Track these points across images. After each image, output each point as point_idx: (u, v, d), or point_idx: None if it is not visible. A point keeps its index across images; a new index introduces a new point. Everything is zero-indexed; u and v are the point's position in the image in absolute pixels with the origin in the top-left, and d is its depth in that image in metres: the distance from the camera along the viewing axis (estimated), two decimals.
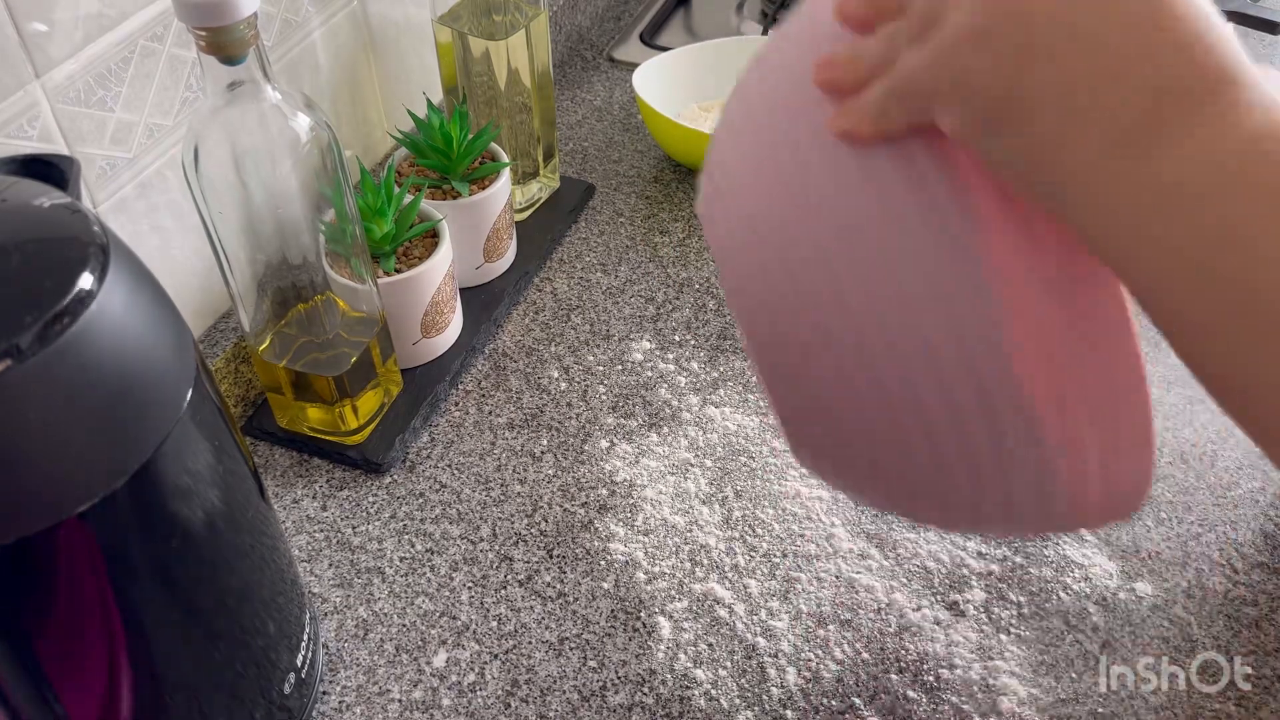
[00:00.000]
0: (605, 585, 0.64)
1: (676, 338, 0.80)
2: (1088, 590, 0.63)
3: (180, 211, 0.69)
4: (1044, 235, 0.35)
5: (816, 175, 0.38)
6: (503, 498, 0.69)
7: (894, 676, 0.59)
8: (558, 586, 0.64)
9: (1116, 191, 0.31)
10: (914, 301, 0.36)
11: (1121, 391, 0.36)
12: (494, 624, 0.62)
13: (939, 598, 0.63)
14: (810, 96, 0.38)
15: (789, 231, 0.39)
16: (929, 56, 0.33)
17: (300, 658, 0.55)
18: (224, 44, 0.53)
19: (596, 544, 0.66)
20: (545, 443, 0.73)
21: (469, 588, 0.64)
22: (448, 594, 0.64)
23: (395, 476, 0.71)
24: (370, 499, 0.69)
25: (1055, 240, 0.35)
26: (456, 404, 0.76)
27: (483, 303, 0.81)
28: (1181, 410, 0.74)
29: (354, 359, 0.67)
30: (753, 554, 0.65)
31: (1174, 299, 0.31)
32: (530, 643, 0.61)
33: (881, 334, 0.37)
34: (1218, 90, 0.30)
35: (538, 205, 0.90)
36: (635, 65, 0.98)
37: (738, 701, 0.58)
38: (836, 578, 0.64)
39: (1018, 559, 0.65)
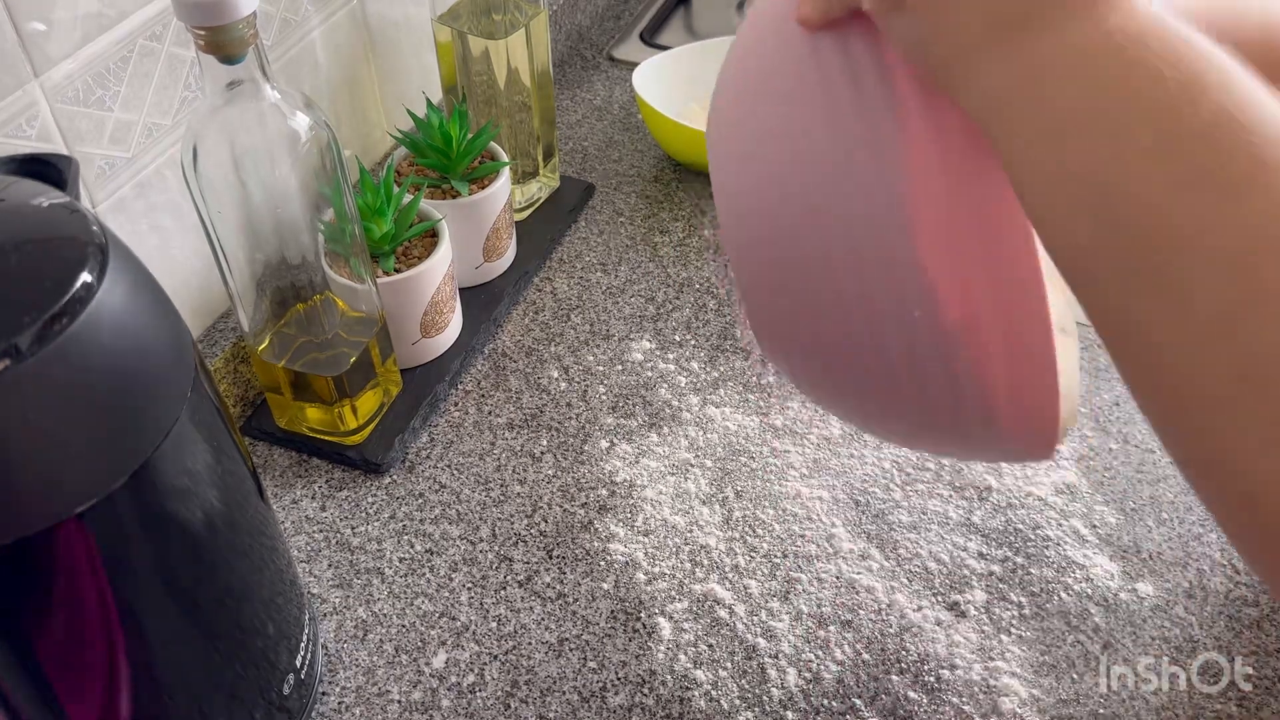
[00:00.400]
0: (605, 586, 0.64)
1: (676, 338, 0.80)
2: (1089, 591, 0.63)
3: (179, 211, 0.69)
4: (959, 126, 0.38)
5: (777, 60, 0.43)
6: (502, 498, 0.69)
7: (895, 677, 0.59)
8: (557, 587, 0.64)
9: (988, 72, 0.34)
10: (835, 170, 0.40)
11: (1020, 287, 0.39)
12: (494, 625, 0.62)
13: (940, 598, 0.63)
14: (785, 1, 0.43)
15: (749, 110, 0.45)
16: None
17: (299, 658, 0.55)
18: (223, 43, 0.53)
19: (596, 544, 0.66)
20: (545, 443, 0.72)
21: (468, 588, 0.64)
22: (447, 595, 0.64)
23: (394, 477, 0.71)
24: (369, 499, 0.69)
25: (967, 132, 0.38)
26: (456, 404, 0.76)
27: (482, 302, 0.81)
28: None
29: (353, 359, 0.67)
30: (753, 554, 0.65)
31: (1029, 178, 0.34)
32: (530, 643, 0.61)
33: (806, 198, 0.42)
34: (1104, 8, 0.33)
35: (537, 205, 0.90)
36: (635, 64, 0.97)
37: (738, 703, 0.58)
38: (837, 578, 0.64)
39: (1019, 559, 0.65)
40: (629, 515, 0.68)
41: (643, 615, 0.62)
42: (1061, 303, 0.55)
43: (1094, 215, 0.32)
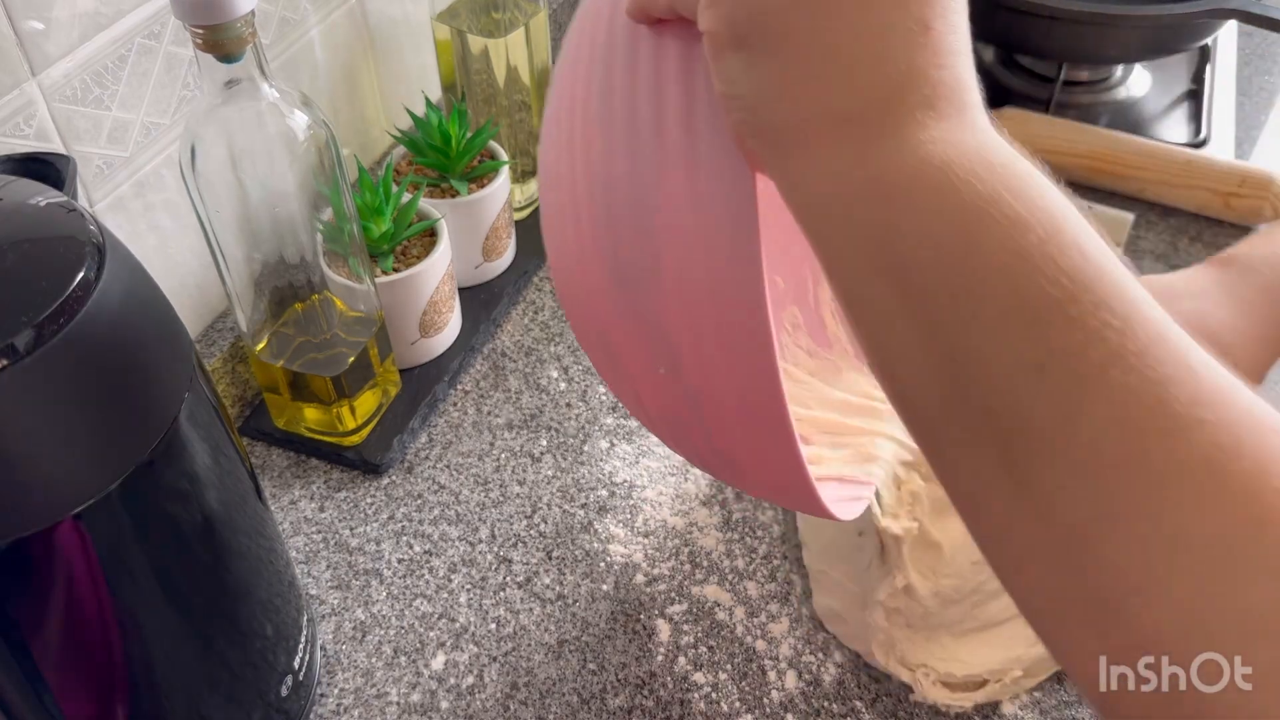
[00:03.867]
0: (605, 587, 0.64)
1: None
2: None
3: (177, 210, 0.68)
4: (736, 177, 0.33)
5: (594, 39, 0.38)
6: (501, 499, 0.69)
7: (895, 680, 0.59)
8: (557, 589, 0.64)
9: (827, 168, 0.29)
10: (618, 183, 0.36)
11: (756, 371, 0.35)
12: (493, 626, 0.62)
13: None
14: None
15: (563, 84, 0.39)
16: None
17: (298, 660, 0.55)
18: (221, 42, 0.52)
19: (596, 546, 0.66)
20: (544, 443, 0.72)
21: (467, 590, 0.64)
22: (446, 596, 0.63)
23: (393, 477, 0.70)
24: (368, 500, 0.69)
25: (743, 188, 0.33)
26: (455, 404, 0.75)
27: (481, 302, 0.81)
28: None
29: (352, 359, 0.67)
30: (752, 556, 0.65)
31: (862, 311, 0.30)
32: (529, 645, 0.61)
33: (585, 202, 0.37)
34: (955, 108, 0.29)
35: (537, 204, 0.90)
36: None
37: (738, 705, 0.58)
38: None
39: None
40: (629, 516, 0.68)
41: (642, 617, 0.62)
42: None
43: (942, 382, 0.28)
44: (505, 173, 0.79)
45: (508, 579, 0.64)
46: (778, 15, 0.29)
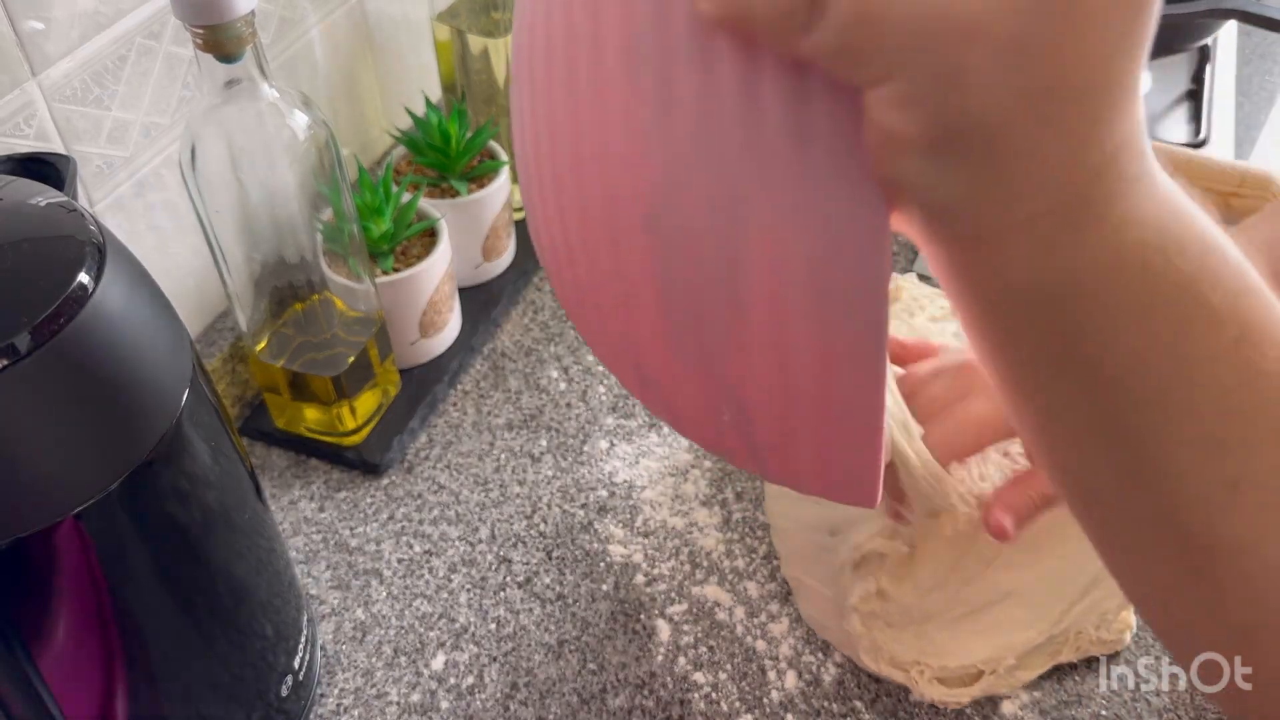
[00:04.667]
0: (605, 587, 0.64)
1: None
2: None
3: (177, 210, 0.68)
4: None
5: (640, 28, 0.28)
6: (501, 499, 0.69)
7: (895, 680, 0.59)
8: (557, 589, 0.64)
9: (1012, 257, 0.26)
10: (689, 181, 0.28)
11: (859, 429, 0.30)
12: (493, 626, 0.62)
13: None
14: None
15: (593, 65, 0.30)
16: None
17: (298, 660, 0.55)
18: (221, 42, 0.52)
19: (596, 546, 0.66)
20: (544, 444, 0.72)
21: (467, 590, 0.64)
22: (446, 596, 0.63)
23: (393, 477, 0.70)
24: (368, 500, 0.69)
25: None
26: (455, 404, 0.75)
27: (481, 302, 0.81)
28: None
29: (351, 359, 0.67)
30: (752, 556, 0.65)
31: (1050, 404, 0.28)
32: (529, 645, 0.61)
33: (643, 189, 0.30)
34: (1142, 160, 0.26)
35: None
36: None
37: (738, 705, 0.58)
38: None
39: None
40: (629, 517, 0.68)
41: (642, 617, 0.62)
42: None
43: (1124, 489, 0.27)
44: (505, 173, 0.79)
45: (508, 579, 0.64)
46: (998, 121, 0.23)
